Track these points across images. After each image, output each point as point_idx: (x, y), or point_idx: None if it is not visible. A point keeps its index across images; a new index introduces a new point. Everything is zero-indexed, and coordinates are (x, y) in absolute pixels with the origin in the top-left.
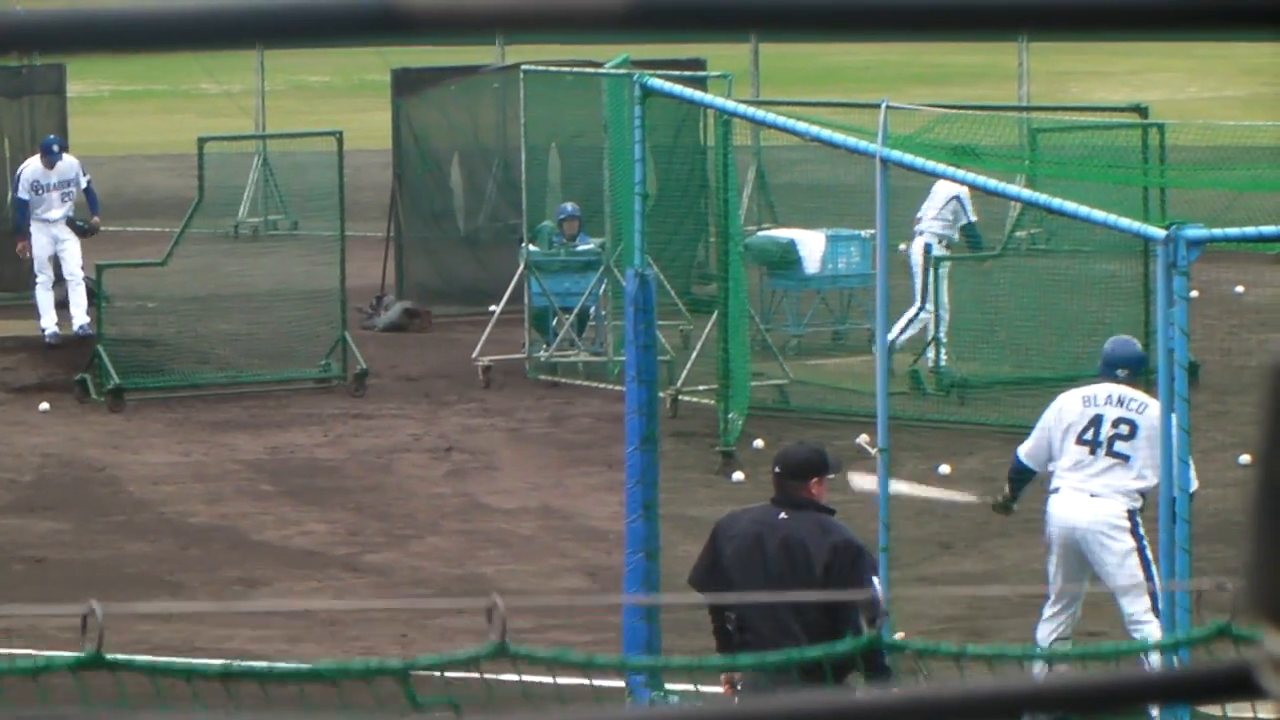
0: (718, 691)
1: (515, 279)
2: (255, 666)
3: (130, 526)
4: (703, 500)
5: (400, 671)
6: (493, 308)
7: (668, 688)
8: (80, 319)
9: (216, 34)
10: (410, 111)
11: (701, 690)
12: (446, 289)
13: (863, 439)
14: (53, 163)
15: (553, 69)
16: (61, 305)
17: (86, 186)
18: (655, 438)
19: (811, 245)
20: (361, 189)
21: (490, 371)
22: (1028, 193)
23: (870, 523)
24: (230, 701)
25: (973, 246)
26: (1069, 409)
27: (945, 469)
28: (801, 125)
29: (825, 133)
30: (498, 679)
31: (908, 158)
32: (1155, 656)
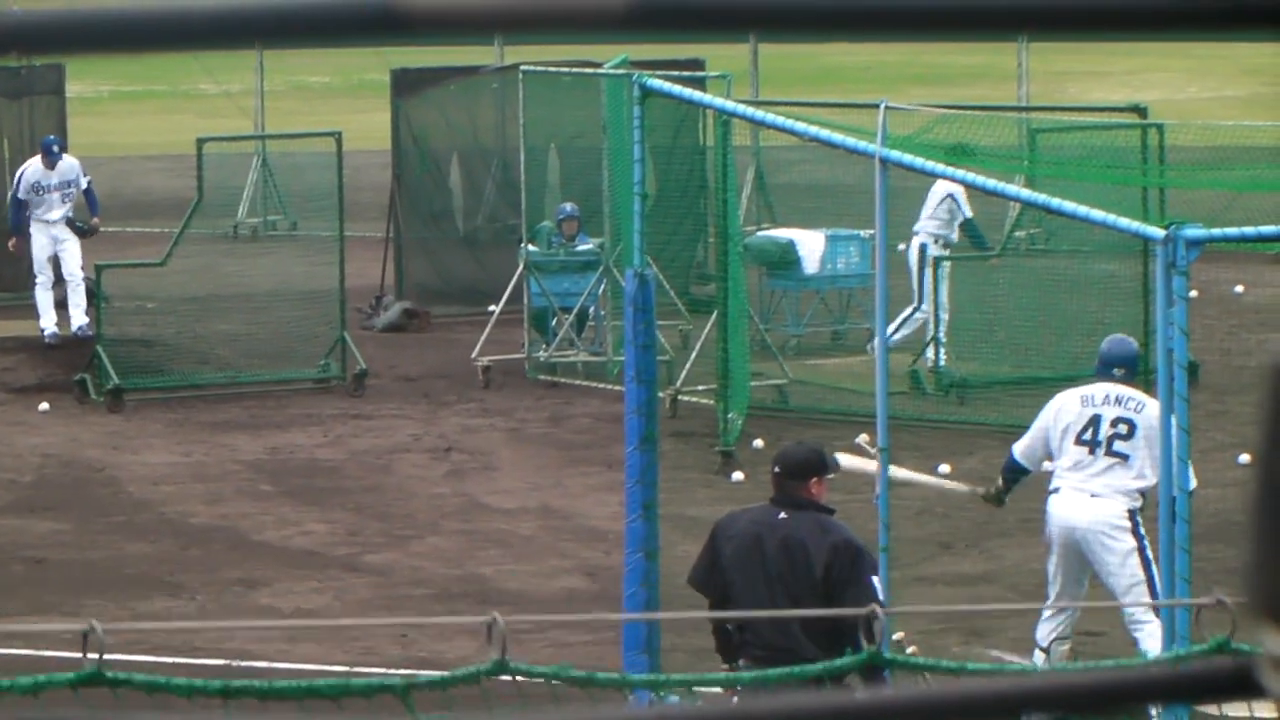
0: (716, 690)
1: (514, 279)
2: (255, 684)
3: (130, 527)
4: (702, 500)
5: (401, 690)
6: (492, 308)
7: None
8: (79, 320)
9: (216, 34)
10: (409, 112)
11: (700, 689)
12: (446, 289)
13: (862, 439)
14: (53, 163)
15: (552, 69)
16: (61, 306)
17: (87, 187)
18: (655, 438)
19: (810, 245)
20: (361, 189)
21: (490, 372)
22: (1027, 193)
23: (870, 523)
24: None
25: (975, 242)
26: (1067, 409)
27: (945, 468)
28: (800, 125)
29: (824, 133)
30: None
31: (907, 158)
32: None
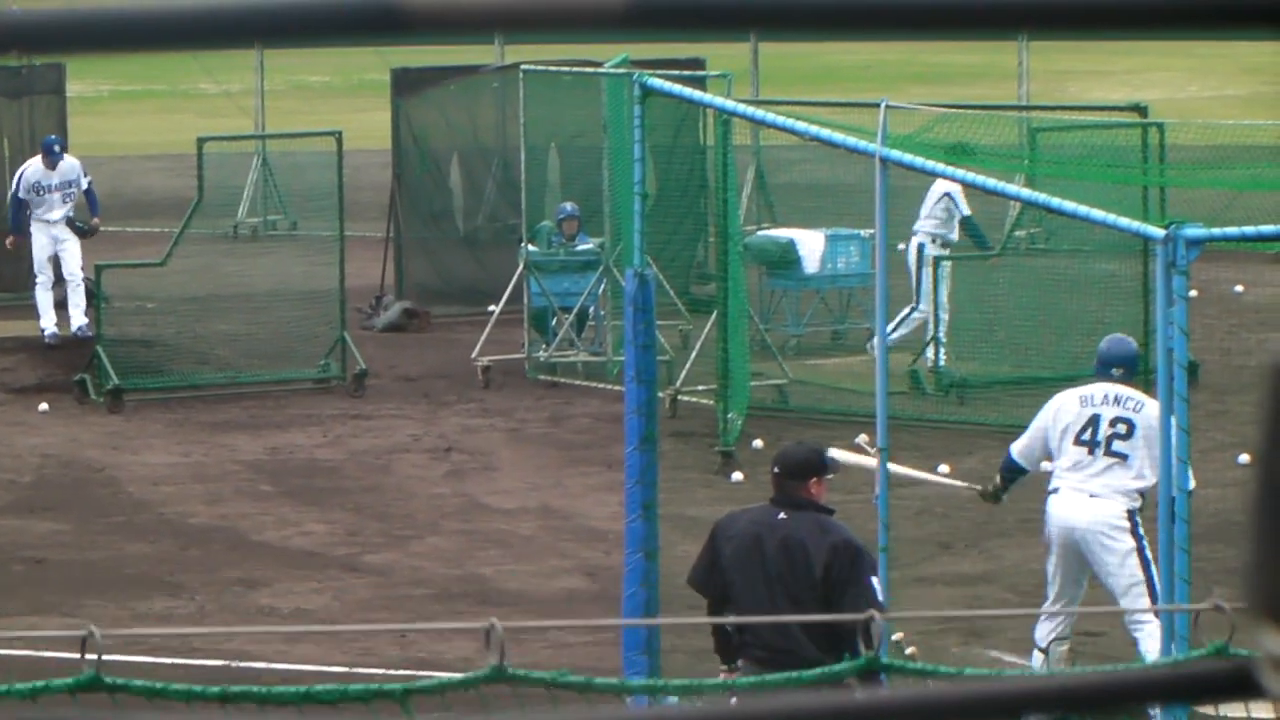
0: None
1: (514, 279)
2: (253, 689)
3: (130, 527)
4: (702, 500)
5: (399, 695)
6: (492, 308)
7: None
8: (78, 320)
9: (216, 33)
10: (410, 111)
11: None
12: (446, 289)
13: (862, 439)
14: (54, 163)
15: (552, 69)
16: (61, 306)
17: (88, 188)
18: (654, 438)
19: (811, 245)
20: (361, 189)
21: (489, 372)
22: (1027, 192)
23: (869, 523)
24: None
25: (975, 239)
26: (1066, 409)
27: (944, 469)
28: (801, 125)
29: (825, 132)
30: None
31: (907, 157)
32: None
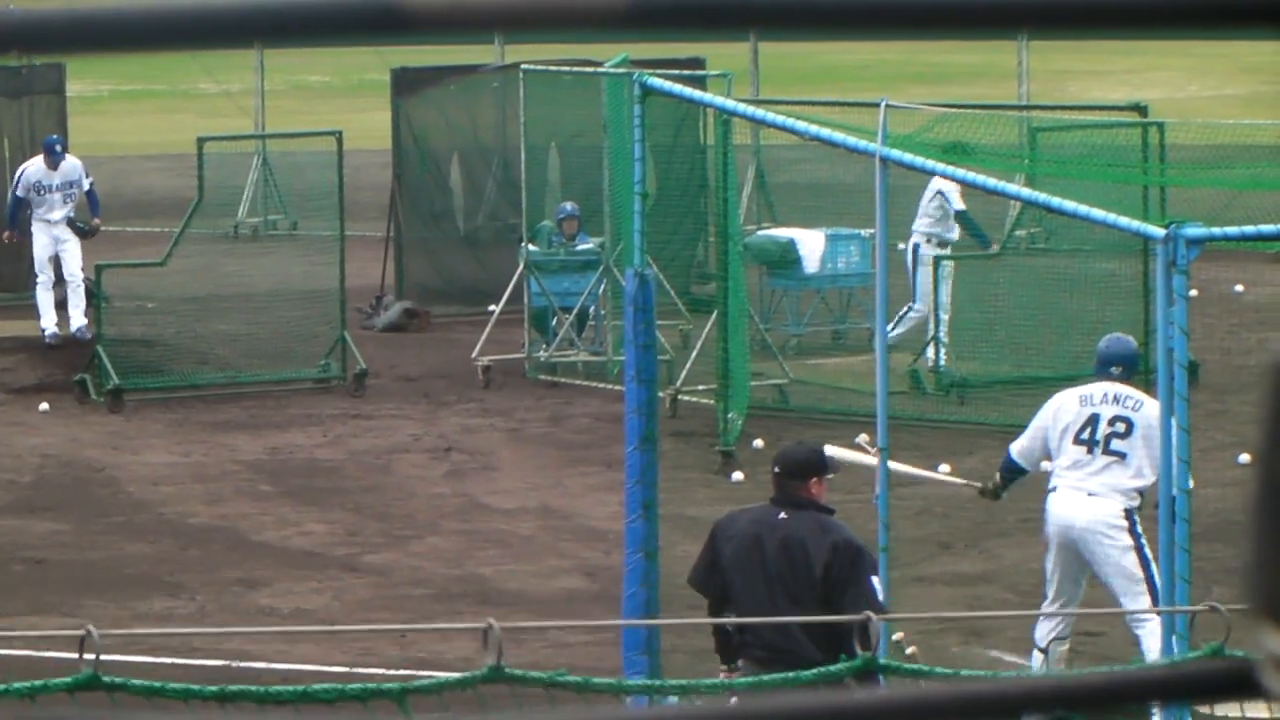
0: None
1: (515, 279)
2: (251, 689)
3: (130, 527)
4: (702, 500)
5: (397, 695)
6: (492, 308)
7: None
8: (78, 321)
9: (217, 33)
10: (410, 111)
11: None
12: (446, 289)
13: (862, 439)
14: (56, 163)
15: (552, 68)
16: (61, 306)
17: (89, 189)
18: (655, 437)
19: (811, 244)
20: (361, 189)
21: (490, 371)
22: (1027, 192)
23: (870, 522)
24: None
25: (973, 234)
26: (1066, 409)
27: (945, 468)
28: (801, 124)
29: (825, 132)
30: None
31: (907, 157)
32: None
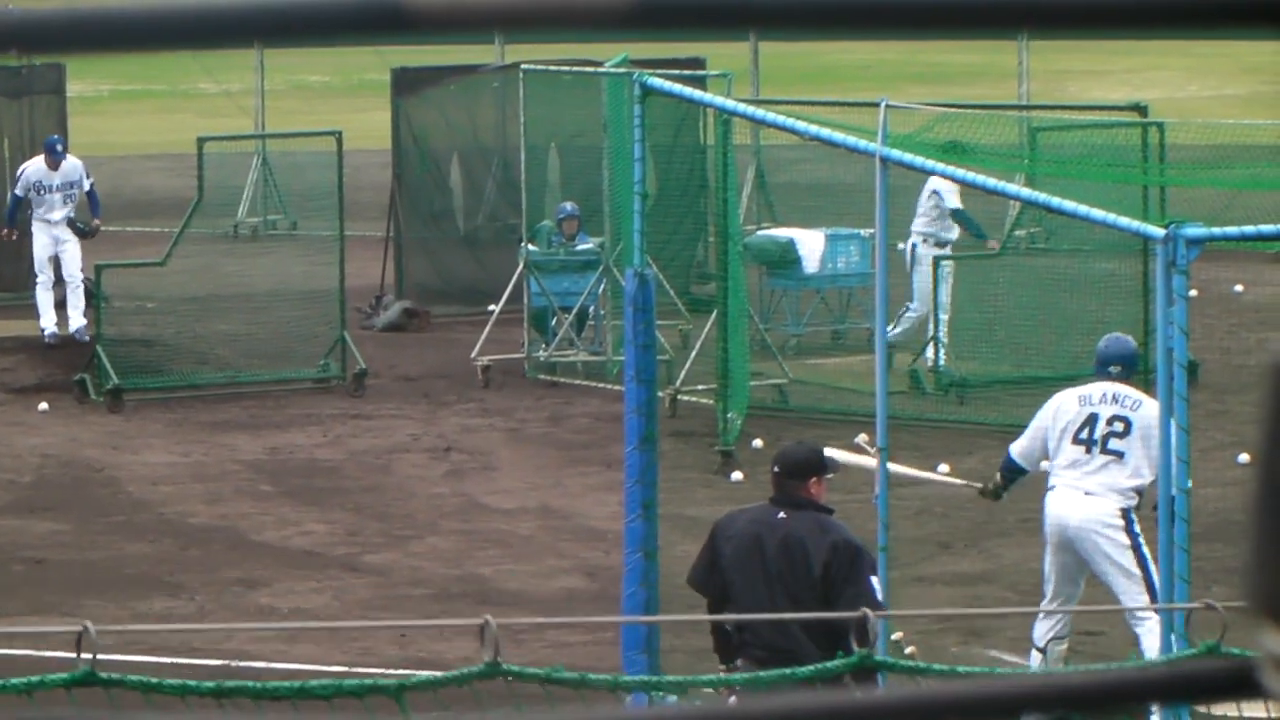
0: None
1: (514, 279)
2: (248, 685)
3: (130, 527)
4: (701, 500)
5: (394, 691)
6: (492, 307)
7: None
8: (77, 322)
9: (218, 33)
10: (409, 111)
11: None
12: (446, 289)
13: (862, 439)
14: (57, 163)
15: (552, 68)
16: (60, 306)
17: (89, 189)
18: (654, 437)
19: (811, 244)
20: (361, 189)
21: (489, 371)
22: (1027, 191)
23: (869, 522)
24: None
25: (970, 231)
26: (1065, 409)
27: (944, 468)
28: (801, 124)
29: (825, 132)
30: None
31: (907, 156)
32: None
